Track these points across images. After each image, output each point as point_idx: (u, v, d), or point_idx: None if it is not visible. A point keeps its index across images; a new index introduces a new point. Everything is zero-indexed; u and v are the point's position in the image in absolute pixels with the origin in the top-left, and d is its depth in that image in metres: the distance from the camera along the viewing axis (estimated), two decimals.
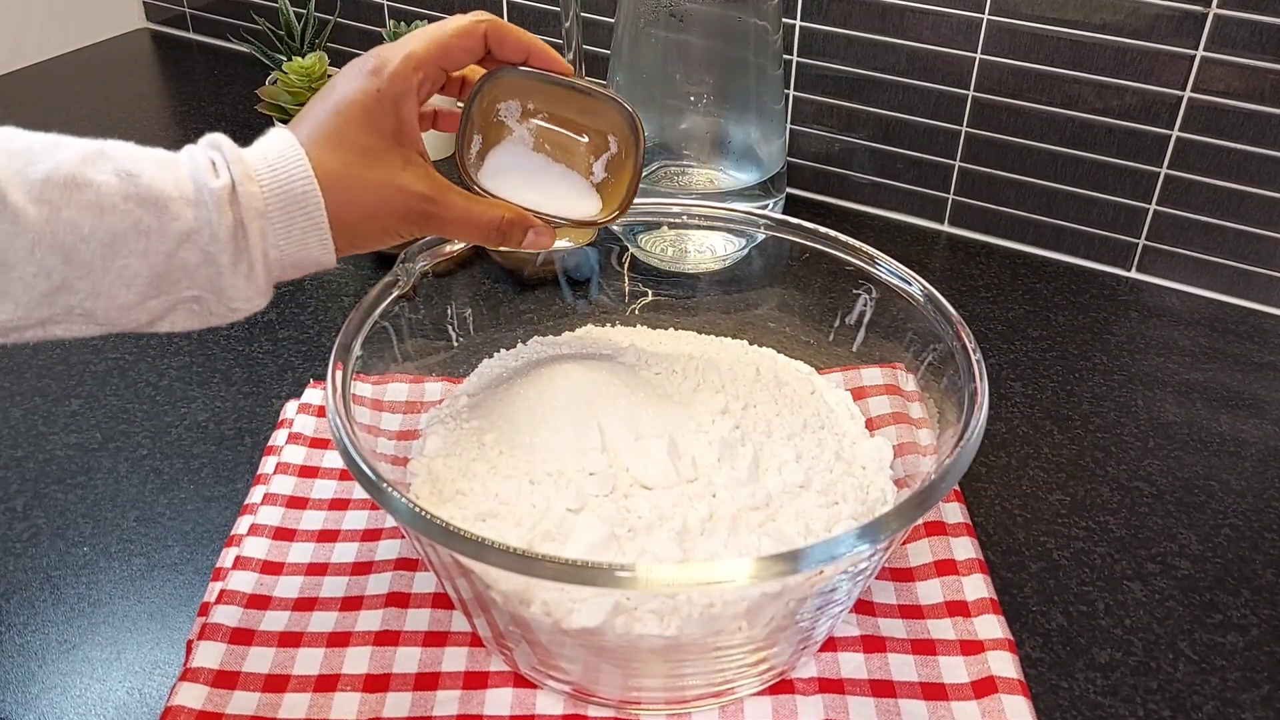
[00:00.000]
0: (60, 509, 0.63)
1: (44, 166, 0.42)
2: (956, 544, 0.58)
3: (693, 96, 0.80)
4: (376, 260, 0.86)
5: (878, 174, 0.94)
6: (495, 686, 0.51)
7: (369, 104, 0.48)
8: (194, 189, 0.44)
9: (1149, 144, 0.82)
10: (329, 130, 0.47)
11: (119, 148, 0.44)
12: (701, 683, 0.50)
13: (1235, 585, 0.59)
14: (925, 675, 0.52)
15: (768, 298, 0.68)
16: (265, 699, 0.50)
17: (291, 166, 0.46)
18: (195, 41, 1.28)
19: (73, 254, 0.42)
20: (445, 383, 0.64)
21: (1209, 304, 0.84)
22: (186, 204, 0.44)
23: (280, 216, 0.46)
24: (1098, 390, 0.74)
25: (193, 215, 0.44)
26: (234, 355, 0.75)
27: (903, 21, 0.86)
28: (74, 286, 0.43)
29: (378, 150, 0.48)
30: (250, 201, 0.45)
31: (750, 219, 0.65)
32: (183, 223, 0.43)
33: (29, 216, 0.41)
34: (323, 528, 0.60)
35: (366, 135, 0.48)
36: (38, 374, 0.73)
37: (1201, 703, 0.53)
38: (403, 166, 0.49)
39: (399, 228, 0.50)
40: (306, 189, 0.46)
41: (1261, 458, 0.68)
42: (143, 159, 0.44)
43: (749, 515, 0.51)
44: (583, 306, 0.69)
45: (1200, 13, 0.76)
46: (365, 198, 0.48)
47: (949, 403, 0.54)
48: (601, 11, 0.98)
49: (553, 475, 0.52)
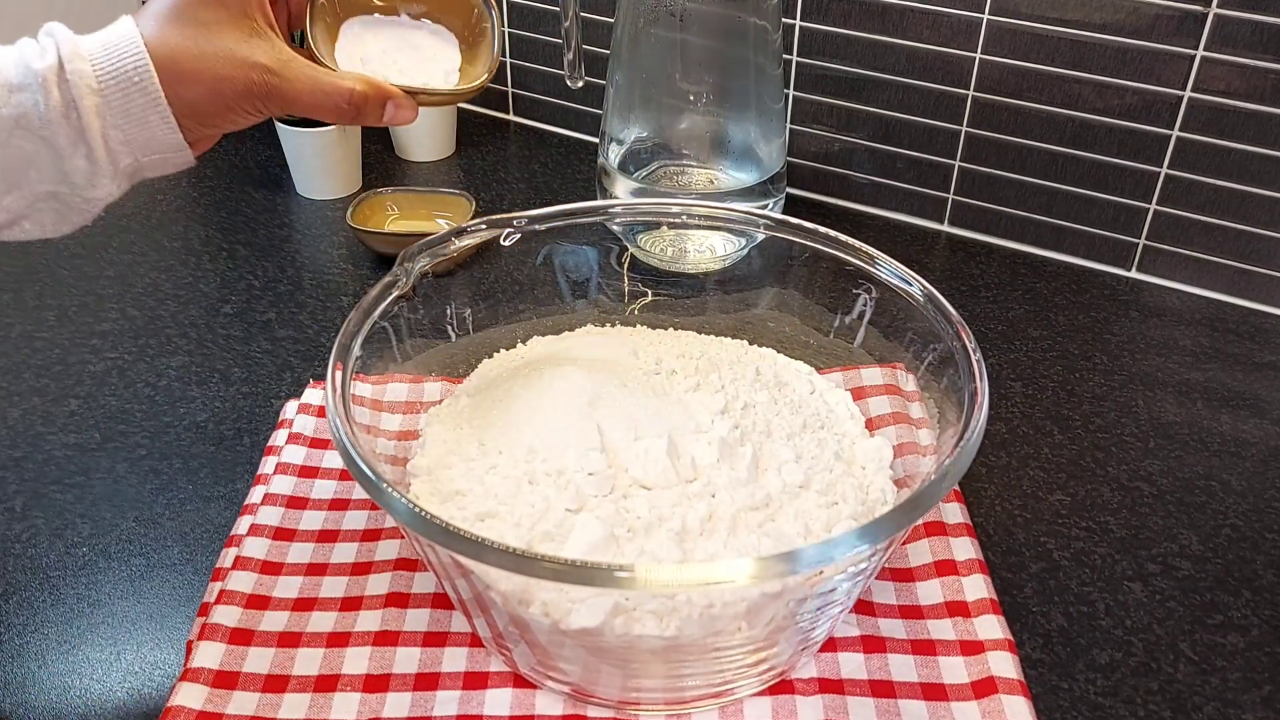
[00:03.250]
0: (59, 509, 0.63)
1: None
2: (956, 544, 0.58)
3: (692, 96, 0.80)
4: (376, 260, 0.86)
5: (878, 174, 0.94)
6: (495, 687, 0.51)
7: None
8: (17, 74, 0.44)
9: (1149, 144, 0.82)
10: (172, 7, 0.47)
11: None
12: (701, 683, 0.50)
13: (1236, 586, 0.59)
14: (925, 675, 0.52)
15: (767, 298, 0.68)
16: (265, 699, 0.50)
17: (124, 43, 0.45)
18: None
19: None
20: (445, 383, 0.63)
21: (1209, 304, 0.84)
22: (10, 89, 0.44)
23: (116, 95, 0.45)
24: (1098, 390, 0.74)
25: (18, 100, 0.43)
26: (233, 355, 0.75)
27: (903, 21, 0.86)
28: None
29: (219, 23, 0.47)
30: (80, 80, 0.44)
31: (750, 219, 0.65)
32: (9, 109, 0.43)
33: None
34: (322, 528, 0.60)
35: (208, 10, 0.47)
36: (36, 374, 0.73)
37: (1202, 703, 0.53)
38: (245, 38, 0.48)
39: (242, 104, 0.48)
40: (139, 64, 0.45)
41: (1262, 458, 0.68)
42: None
43: (748, 515, 0.51)
44: (583, 306, 0.69)
45: (1200, 13, 0.76)
46: (203, 72, 0.47)
47: (949, 403, 0.54)
48: (601, 11, 0.98)
49: (552, 475, 0.52)
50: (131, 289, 0.83)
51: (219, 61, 0.47)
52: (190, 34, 0.47)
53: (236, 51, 0.47)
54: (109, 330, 0.78)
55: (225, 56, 0.47)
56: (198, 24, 0.47)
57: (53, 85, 0.44)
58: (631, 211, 0.68)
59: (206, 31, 0.47)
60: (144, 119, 0.46)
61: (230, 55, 0.47)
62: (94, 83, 0.44)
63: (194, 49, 0.47)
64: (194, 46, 0.47)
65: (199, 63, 0.47)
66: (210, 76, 0.47)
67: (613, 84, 0.81)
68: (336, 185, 0.97)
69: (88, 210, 0.47)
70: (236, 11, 0.48)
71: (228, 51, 0.47)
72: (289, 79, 0.48)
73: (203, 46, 0.47)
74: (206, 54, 0.47)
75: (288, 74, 0.48)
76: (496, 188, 0.99)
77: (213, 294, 0.82)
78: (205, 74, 0.47)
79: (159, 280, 0.84)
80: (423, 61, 0.54)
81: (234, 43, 0.47)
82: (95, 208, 0.47)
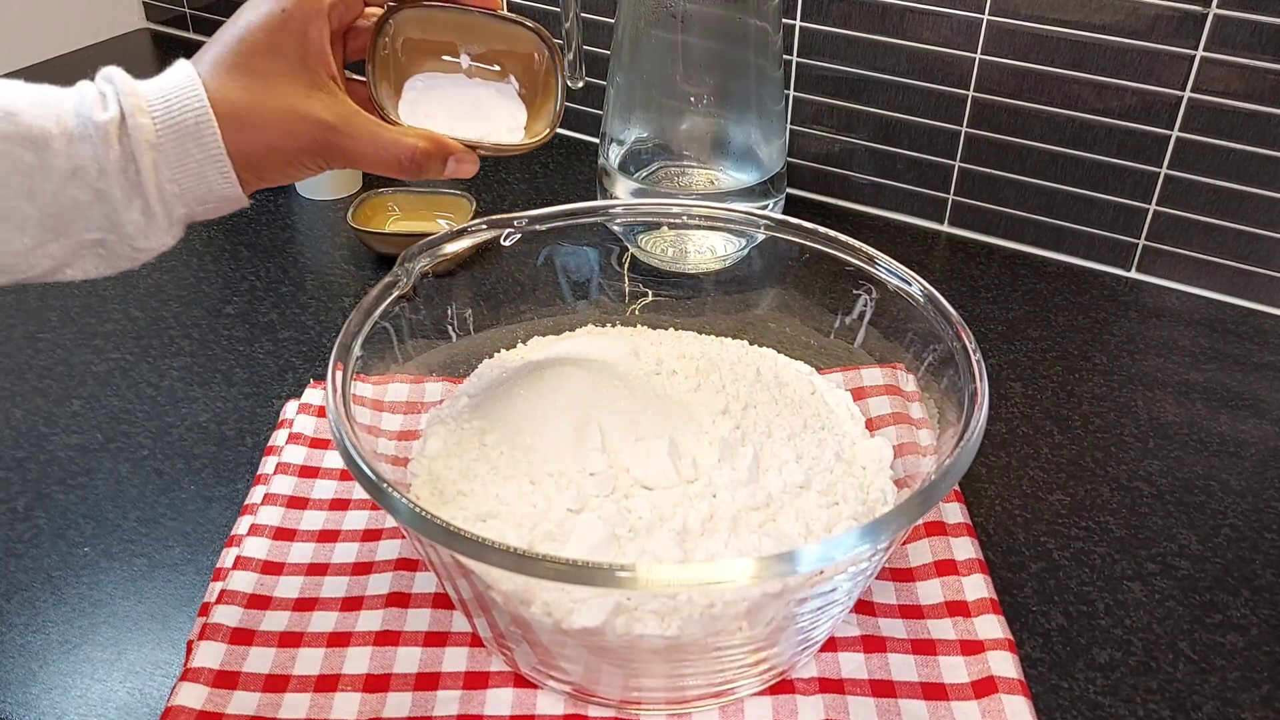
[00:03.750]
0: (62, 510, 0.63)
1: None
2: (956, 544, 0.58)
3: (693, 97, 0.80)
4: (377, 260, 0.87)
5: (878, 174, 0.94)
6: (495, 687, 0.51)
7: (274, 27, 0.46)
8: (77, 124, 0.43)
9: (1149, 144, 0.82)
10: (231, 57, 0.46)
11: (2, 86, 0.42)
12: (702, 683, 0.50)
13: (1235, 585, 0.59)
14: (925, 675, 0.52)
15: (768, 298, 0.68)
16: (265, 699, 0.50)
17: (186, 96, 0.44)
18: (195, 41, 1.28)
19: None
20: (445, 383, 0.64)
21: (1209, 304, 0.84)
22: (69, 139, 0.42)
23: (174, 148, 0.44)
24: (1098, 390, 0.74)
25: (77, 151, 0.42)
26: (235, 356, 0.76)
27: (903, 22, 0.86)
28: None
29: (281, 76, 0.46)
30: (141, 134, 0.43)
31: (750, 219, 0.65)
32: (67, 159, 0.42)
33: None
34: (323, 528, 0.60)
35: (270, 61, 0.46)
36: (39, 375, 0.73)
37: (1201, 703, 0.53)
38: (306, 92, 0.46)
39: (303, 159, 0.47)
40: (201, 119, 0.44)
41: (1261, 458, 0.68)
42: (21, 97, 0.42)
43: (749, 515, 0.51)
44: (583, 306, 0.69)
45: (1200, 13, 0.76)
46: (265, 127, 0.46)
47: (949, 403, 0.54)
48: (601, 12, 0.98)
49: (553, 476, 0.52)
50: (134, 290, 0.83)
51: (281, 117, 0.46)
52: (251, 86, 0.45)
53: (298, 106, 0.46)
54: (112, 331, 0.78)
55: (287, 112, 0.46)
56: (258, 75, 0.46)
57: (114, 139, 0.43)
58: (632, 212, 0.68)
59: (267, 84, 0.46)
60: (201, 173, 0.45)
61: (292, 110, 0.46)
62: (153, 137, 0.43)
63: (255, 103, 0.45)
64: (255, 100, 0.45)
65: (260, 118, 0.46)
66: (273, 132, 0.46)
67: (613, 85, 0.82)
68: (337, 186, 0.97)
69: (135, 258, 0.46)
70: (297, 63, 0.46)
71: (289, 107, 0.46)
72: (351, 136, 0.47)
73: (264, 100, 0.46)
74: (268, 108, 0.46)
75: (350, 130, 0.47)
76: (497, 188, 0.99)
77: (215, 295, 0.83)
78: (268, 129, 0.46)
79: (161, 281, 0.84)
80: (486, 115, 0.54)
81: (295, 97, 0.46)
82: (144, 256, 0.46)
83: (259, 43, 0.46)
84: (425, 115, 0.53)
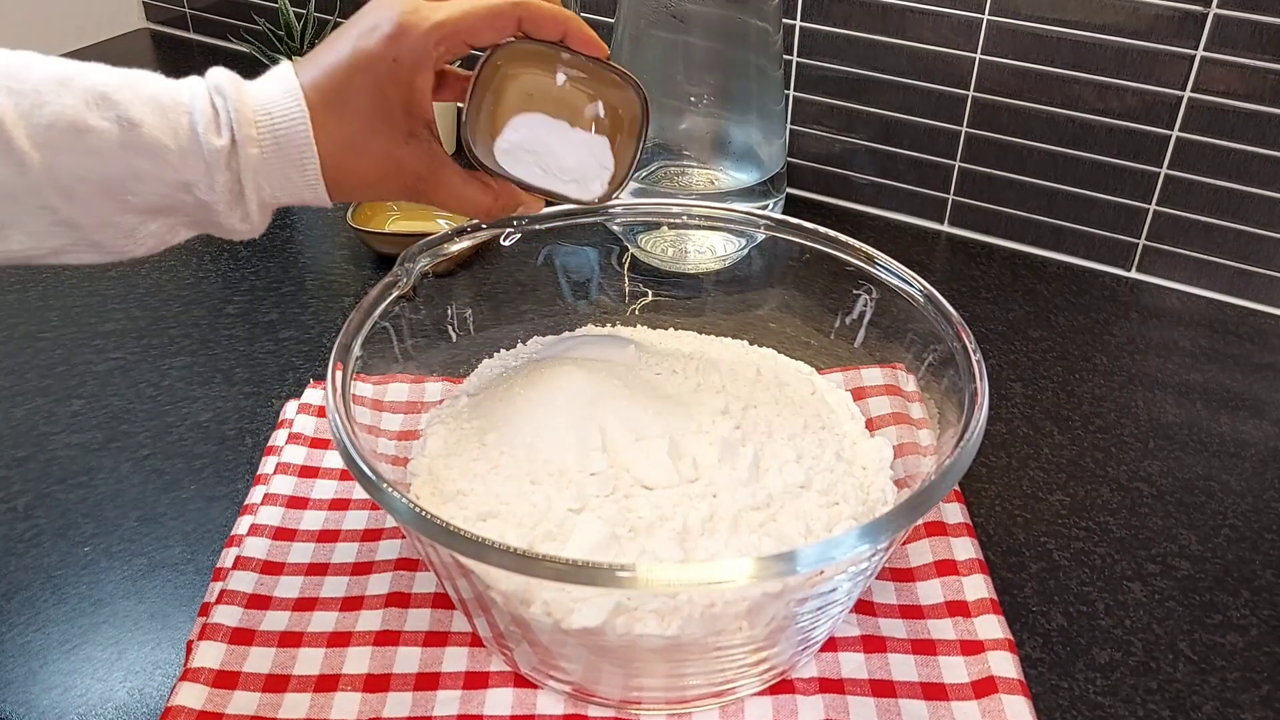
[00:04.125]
0: (62, 509, 0.63)
1: (49, 110, 0.43)
2: (957, 544, 0.58)
3: (693, 97, 0.80)
4: (377, 260, 0.87)
5: (878, 174, 0.94)
6: (495, 686, 0.51)
7: (381, 74, 0.47)
8: (191, 141, 0.45)
9: (1149, 144, 0.82)
10: (336, 94, 0.47)
11: (125, 89, 0.45)
12: (702, 682, 0.50)
13: (1235, 585, 0.59)
14: (925, 675, 0.52)
15: (768, 298, 0.68)
16: (265, 699, 0.50)
17: (293, 129, 0.46)
18: (195, 41, 1.28)
19: (73, 194, 0.44)
20: (445, 383, 0.64)
21: (1209, 304, 0.84)
22: (184, 155, 0.45)
23: (278, 171, 0.47)
24: (1098, 391, 0.74)
25: (189, 165, 0.45)
26: (235, 355, 0.76)
27: (903, 21, 0.86)
28: (78, 222, 0.45)
29: (382, 120, 0.48)
30: (249, 162, 0.46)
31: (750, 219, 0.65)
32: (180, 173, 0.45)
33: (33, 160, 0.43)
34: (323, 528, 0.60)
35: (374, 104, 0.47)
36: (40, 374, 0.73)
37: (1201, 703, 0.53)
38: (405, 140, 0.48)
39: (392, 196, 0.52)
40: (305, 153, 0.46)
41: (1261, 458, 0.68)
42: (145, 107, 0.45)
43: (749, 515, 0.51)
44: (583, 306, 0.69)
45: (1200, 13, 0.76)
46: (363, 166, 0.48)
47: (949, 403, 0.54)
48: (601, 12, 0.98)
49: (553, 475, 0.52)
50: (135, 289, 0.83)
51: (377, 160, 0.48)
52: (353, 125, 0.47)
53: (395, 154, 0.49)
54: (113, 330, 0.78)
55: (384, 157, 0.48)
56: (361, 116, 0.47)
57: (224, 166, 0.46)
58: (632, 212, 0.68)
59: (369, 126, 0.48)
60: (299, 193, 0.48)
61: (389, 157, 0.49)
62: (260, 165, 0.46)
63: (355, 143, 0.48)
64: (355, 140, 0.48)
65: (358, 158, 0.48)
66: (369, 173, 0.49)
67: None
68: None
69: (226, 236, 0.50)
70: (399, 110, 0.48)
71: (386, 153, 0.48)
72: (436, 188, 0.51)
73: (363, 142, 0.48)
74: (366, 151, 0.48)
75: (436, 182, 0.50)
76: None
77: (216, 294, 0.83)
78: (364, 170, 0.49)
79: (162, 281, 0.84)
80: (574, 169, 0.55)
81: (393, 143, 0.48)
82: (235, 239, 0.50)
83: (364, 85, 0.47)
84: (516, 161, 0.54)
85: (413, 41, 0.47)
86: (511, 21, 0.49)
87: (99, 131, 0.44)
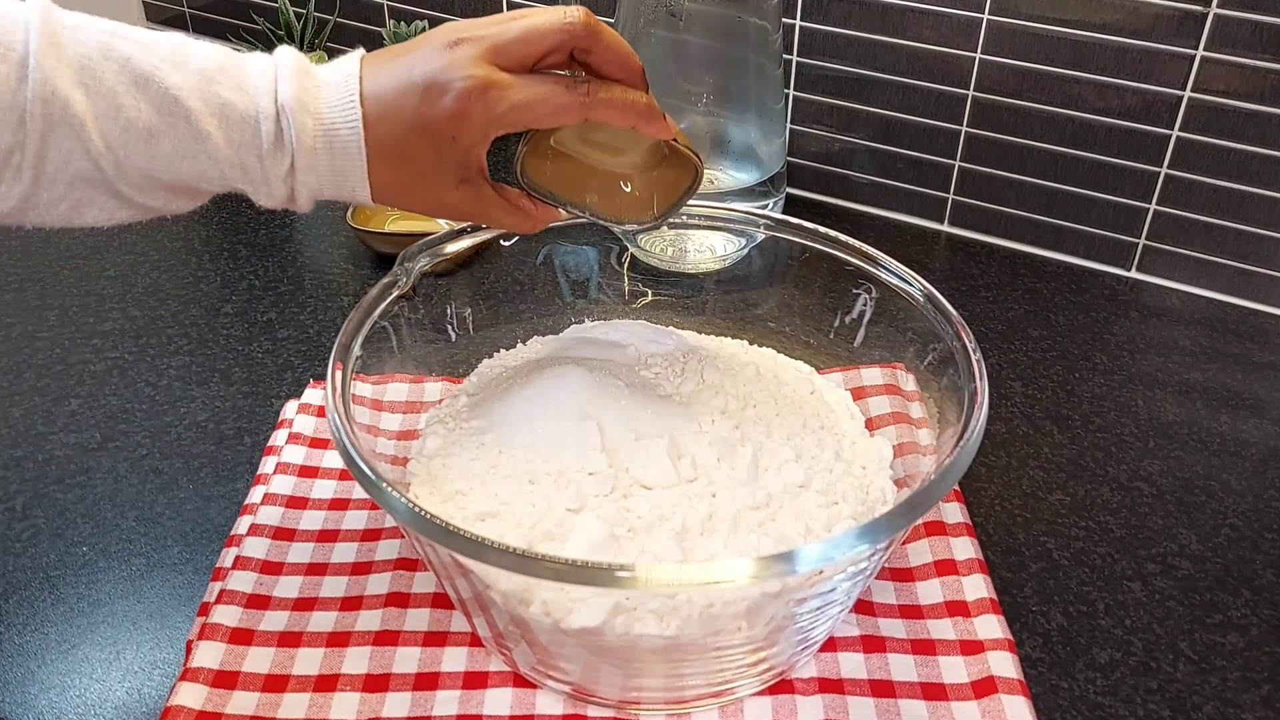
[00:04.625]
0: (60, 509, 0.63)
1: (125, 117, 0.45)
2: (956, 544, 0.58)
3: (693, 96, 0.80)
4: (376, 260, 0.86)
5: (878, 174, 0.94)
6: (495, 686, 0.51)
7: (441, 146, 0.49)
8: (255, 159, 0.47)
9: (1149, 144, 0.82)
10: (395, 143, 0.49)
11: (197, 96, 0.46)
12: (701, 683, 0.50)
13: (1235, 585, 0.59)
14: (925, 675, 0.52)
15: (768, 297, 0.68)
16: (265, 699, 0.50)
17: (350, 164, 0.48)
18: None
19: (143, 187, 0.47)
20: (445, 383, 0.64)
21: (1209, 304, 0.84)
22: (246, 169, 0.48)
23: (330, 188, 0.50)
24: (1098, 390, 0.74)
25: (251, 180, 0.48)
26: (234, 355, 0.75)
27: (903, 21, 0.86)
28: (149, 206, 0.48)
29: (435, 175, 0.50)
30: (305, 186, 0.49)
31: (750, 219, 0.65)
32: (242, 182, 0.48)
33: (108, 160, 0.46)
34: (322, 528, 0.60)
35: (432, 166, 0.50)
36: (37, 373, 0.73)
37: (1201, 703, 0.53)
38: (455, 186, 0.51)
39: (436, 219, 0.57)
40: (358, 190, 0.50)
41: (1261, 458, 0.68)
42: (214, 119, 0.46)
43: (749, 515, 0.51)
44: (583, 306, 0.69)
45: (1200, 13, 0.76)
46: (410, 203, 0.52)
47: (949, 402, 0.54)
48: (601, 12, 0.98)
49: (552, 475, 0.52)
50: (133, 289, 0.83)
51: (427, 201, 0.52)
52: (408, 180, 0.50)
53: (445, 197, 0.51)
54: (110, 330, 0.78)
55: (434, 201, 0.52)
56: (417, 172, 0.50)
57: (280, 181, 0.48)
58: None
59: (424, 181, 0.50)
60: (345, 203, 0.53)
61: (438, 200, 0.51)
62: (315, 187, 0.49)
63: (407, 187, 0.50)
64: (408, 186, 0.50)
65: (408, 199, 0.51)
66: (417, 208, 0.52)
67: None
68: None
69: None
70: (454, 169, 0.50)
71: (437, 198, 0.51)
72: (478, 215, 0.53)
73: (416, 189, 0.51)
74: (417, 195, 0.51)
75: (479, 212, 0.53)
76: None
77: (214, 294, 0.83)
78: (412, 205, 0.52)
79: (160, 280, 0.84)
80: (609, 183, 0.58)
81: (444, 190, 0.51)
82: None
83: (423, 148, 0.49)
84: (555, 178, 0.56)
85: (474, 126, 0.48)
86: (579, 118, 0.50)
87: (170, 138, 0.46)
